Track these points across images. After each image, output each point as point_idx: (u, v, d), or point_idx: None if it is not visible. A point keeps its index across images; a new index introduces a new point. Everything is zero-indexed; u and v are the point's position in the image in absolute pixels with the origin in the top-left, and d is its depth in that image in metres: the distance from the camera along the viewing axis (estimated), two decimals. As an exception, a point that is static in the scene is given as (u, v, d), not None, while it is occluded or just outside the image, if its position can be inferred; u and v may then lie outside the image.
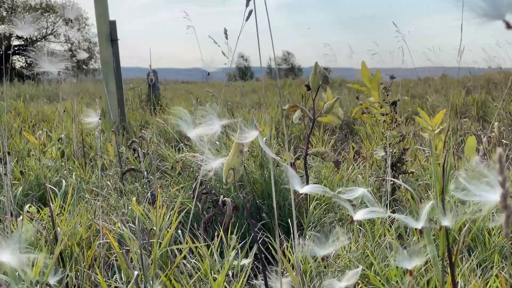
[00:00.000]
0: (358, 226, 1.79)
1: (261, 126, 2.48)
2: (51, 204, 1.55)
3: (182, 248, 1.77)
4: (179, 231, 1.90)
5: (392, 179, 1.98)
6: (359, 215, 0.83)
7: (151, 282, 1.18)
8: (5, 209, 2.18)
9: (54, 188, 2.09)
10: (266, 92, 8.45)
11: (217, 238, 1.65)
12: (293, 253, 1.55)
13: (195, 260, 1.58)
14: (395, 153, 2.18)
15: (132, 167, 2.63)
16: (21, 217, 1.96)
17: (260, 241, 1.99)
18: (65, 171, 2.70)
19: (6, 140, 1.72)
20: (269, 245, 1.82)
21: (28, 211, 1.85)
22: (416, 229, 0.89)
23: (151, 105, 6.07)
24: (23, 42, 27.66)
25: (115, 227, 1.86)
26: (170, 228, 1.77)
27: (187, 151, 3.13)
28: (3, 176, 1.49)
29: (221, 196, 2.08)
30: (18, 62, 27.31)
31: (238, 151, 0.95)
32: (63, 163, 2.88)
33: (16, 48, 26.78)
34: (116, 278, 1.56)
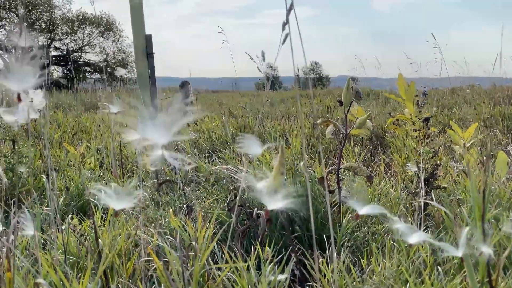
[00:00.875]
0: (391, 242, 1.78)
1: (293, 139, 2.48)
2: (94, 217, 1.59)
3: (219, 260, 1.78)
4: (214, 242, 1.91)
5: (425, 196, 1.95)
6: (413, 239, 0.83)
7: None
8: (49, 220, 2.24)
9: (96, 202, 2.13)
10: (295, 102, 8.44)
11: (252, 250, 1.66)
12: (328, 268, 1.55)
13: (231, 272, 1.59)
14: (427, 168, 2.16)
15: (168, 178, 2.66)
16: (63, 227, 2.01)
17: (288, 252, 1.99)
18: (104, 182, 2.75)
19: (50, 159, 1.76)
20: (303, 258, 1.82)
21: (70, 223, 1.89)
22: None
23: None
24: (60, 53, 28.31)
25: (153, 239, 1.88)
26: (207, 241, 1.79)
27: (220, 162, 3.15)
28: (49, 191, 1.52)
29: (255, 209, 2.09)
30: (56, 72, 27.91)
31: (279, 173, 0.95)
32: (101, 174, 2.94)
33: (54, 59, 27.41)
34: (155, 290, 1.58)
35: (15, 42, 1.10)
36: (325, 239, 2.21)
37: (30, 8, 27.20)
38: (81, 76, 27.59)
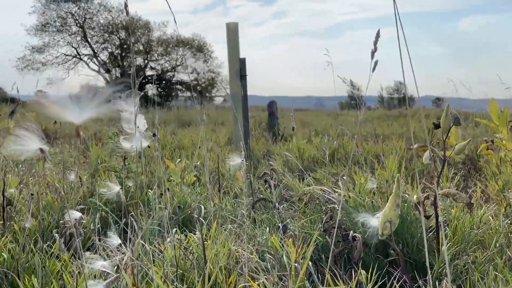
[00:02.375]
0: (494, 272, 1.69)
1: (390, 163, 2.44)
2: (201, 233, 1.64)
3: (315, 280, 1.78)
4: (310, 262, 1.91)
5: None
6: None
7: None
8: (154, 232, 2.34)
9: (201, 218, 2.21)
10: (381, 122, 8.27)
11: (347, 272, 1.64)
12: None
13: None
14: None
15: (263, 196, 2.70)
16: (168, 240, 2.09)
17: (391, 279, 1.94)
18: (202, 197, 2.84)
19: (165, 184, 1.85)
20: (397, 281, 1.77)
21: (176, 237, 1.96)
22: None
23: (272, 134, 6.19)
24: (155, 73, 29.69)
25: (252, 256, 1.91)
26: (303, 260, 1.79)
27: (313, 182, 3.15)
28: (163, 211, 1.60)
29: (351, 232, 2.07)
30: (150, 90, 29.25)
31: (395, 204, 0.94)
32: (199, 189, 3.03)
33: (149, 78, 28.76)
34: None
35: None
36: (420, 265, 2.14)
37: (129, 31, 28.84)
38: (173, 94, 28.77)
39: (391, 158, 2.45)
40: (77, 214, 1.45)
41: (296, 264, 1.51)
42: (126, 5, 1.27)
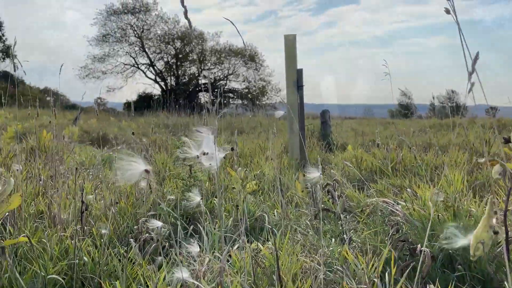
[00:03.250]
0: None
1: (455, 176, 2.37)
2: (275, 241, 1.65)
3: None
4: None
5: None
6: None
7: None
8: (220, 239, 2.37)
9: (274, 229, 2.22)
10: (435, 132, 8.06)
11: (418, 286, 1.60)
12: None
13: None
14: None
15: (326, 207, 2.69)
16: (235, 247, 2.11)
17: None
18: (266, 206, 2.86)
19: (222, 193, 1.88)
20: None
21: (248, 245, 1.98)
22: None
23: (327, 143, 6.15)
24: (208, 81, 30.18)
25: (320, 267, 1.91)
26: (375, 274, 1.77)
27: (375, 194, 3.11)
28: (228, 219, 1.62)
29: (419, 245, 2.03)
30: (203, 97, 29.72)
31: (488, 226, 0.92)
32: (261, 198, 3.05)
33: (202, 86, 29.25)
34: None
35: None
36: (489, 280, 2.07)
37: (185, 41, 29.45)
38: (225, 102, 29.10)
39: (457, 171, 2.38)
40: (158, 223, 1.49)
41: (376, 279, 1.50)
42: (189, 23, 1.30)
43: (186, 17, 1.56)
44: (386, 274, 1.93)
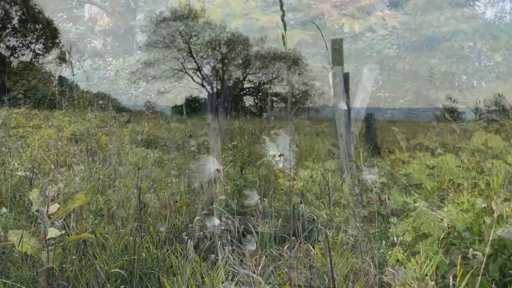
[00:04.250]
0: None
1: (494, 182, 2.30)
2: (328, 243, 1.65)
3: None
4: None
5: None
6: None
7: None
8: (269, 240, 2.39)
9: (326, 230, 2.22)
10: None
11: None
12: None
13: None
14: None
15: (374, 210, 2.66)
16: (286, 246, 2.13)
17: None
18: (313, 207, 2.85)
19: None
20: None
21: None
22: None
23: (373, 147, 6.08)
24: (253, 85, 30.34)
25: (372, 269, 1.89)
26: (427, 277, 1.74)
27: (418, 197, 3.05)
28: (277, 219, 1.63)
29: (470, 250, 1.98)
30: (248, 101, 29.93)
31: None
32: (310, 199, 3.05)
33: (247, 90, 29.50)
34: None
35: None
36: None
37: (230, 47, 29.75)
38: (268, 105, 29.11)
39: (499, 177, 2.31)
40: (217, 221, 1.52)
41: (433, 282, 1.48)
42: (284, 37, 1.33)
43: (283, 20, 1.62)
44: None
